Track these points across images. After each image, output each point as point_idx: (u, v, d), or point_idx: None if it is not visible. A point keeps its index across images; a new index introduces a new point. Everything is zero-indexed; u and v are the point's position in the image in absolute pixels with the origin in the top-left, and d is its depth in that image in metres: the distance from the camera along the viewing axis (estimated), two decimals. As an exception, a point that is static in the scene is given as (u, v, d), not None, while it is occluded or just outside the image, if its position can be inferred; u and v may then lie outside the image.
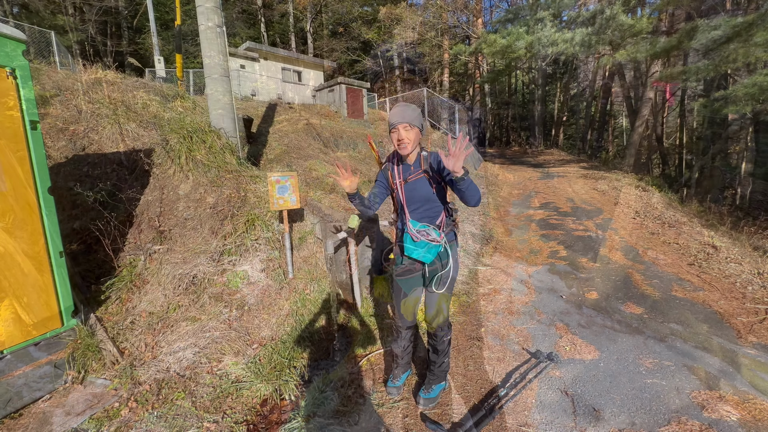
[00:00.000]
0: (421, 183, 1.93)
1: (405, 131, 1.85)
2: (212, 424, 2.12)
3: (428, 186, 1.93)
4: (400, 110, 1.85)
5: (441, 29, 22.86)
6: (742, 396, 2.12)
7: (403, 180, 1.97)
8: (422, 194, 1.94)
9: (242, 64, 13.83)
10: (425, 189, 1.93)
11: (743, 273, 3.98)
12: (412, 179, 1.95)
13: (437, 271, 2.02)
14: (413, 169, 1.95)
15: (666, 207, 8.07)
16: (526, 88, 31.98)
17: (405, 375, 2.36)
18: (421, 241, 1.93)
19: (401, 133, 1.85)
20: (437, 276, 2.01)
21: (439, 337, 2.09)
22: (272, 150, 6.63)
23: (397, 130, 1.85)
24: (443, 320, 2.07)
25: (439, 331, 2.08)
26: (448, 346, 2.15)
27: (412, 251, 1.96)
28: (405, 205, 1.98)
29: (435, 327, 2.07)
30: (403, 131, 1.85)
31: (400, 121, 1.83)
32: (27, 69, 2.33)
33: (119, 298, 3.01)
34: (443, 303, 2.04)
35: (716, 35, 9.30)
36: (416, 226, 1.96)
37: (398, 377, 2.32)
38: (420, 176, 1.93)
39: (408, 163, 1.98)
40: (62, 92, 4.87)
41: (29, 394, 2.26)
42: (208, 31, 4.53)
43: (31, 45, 10.00)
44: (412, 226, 1.96)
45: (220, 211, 3.67)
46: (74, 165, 4.05)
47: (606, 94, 20.76)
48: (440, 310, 2.05)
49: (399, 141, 1.86)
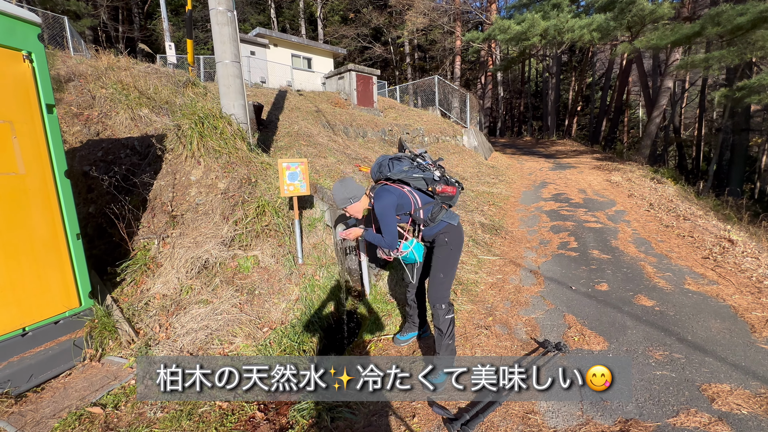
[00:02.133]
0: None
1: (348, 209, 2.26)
2: (224, 403, 2.18)
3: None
4: (334, 192, 2.23)
5: (453, 15, 22.34)
6: (753, 390, 2.10)
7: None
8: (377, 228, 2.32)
9: (252, 50, 13.76)
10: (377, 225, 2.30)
11: (760, 268, 3.89)
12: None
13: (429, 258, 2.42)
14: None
15: (681, 200, 7.89)
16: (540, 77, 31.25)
17: (412, 334, 2.77)
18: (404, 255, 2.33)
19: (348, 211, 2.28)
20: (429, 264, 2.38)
21: (438, 315, 2.23)
22: (282, 137, 6.63)
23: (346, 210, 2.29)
24: (438, 298, 2.25)
25: (437, 309, 2.23)
26: (449, 327, 2.24)
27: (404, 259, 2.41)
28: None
29: (431, 302, 2.28)
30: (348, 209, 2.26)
31: (338, 205, 2.25)
32: (43, 52, 2.35)
33: (134, 281, 3.09)
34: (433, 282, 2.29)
35: (741, 21, 8.91)
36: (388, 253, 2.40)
37: (406, 333, 2.76)
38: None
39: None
40: (76, 78, 4.92)
41: (50, 369, 2.35)
42: (218, 15, 4.50)
43: (45, 30, 10.08)
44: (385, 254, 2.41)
45: (231, 197, 3.70)
46: (89, 149, 4.12)
47: (623, 83, 20.17)
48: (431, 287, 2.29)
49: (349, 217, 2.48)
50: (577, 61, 27.25)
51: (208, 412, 2.11)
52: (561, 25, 12.65)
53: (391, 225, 2.12)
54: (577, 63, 27.24)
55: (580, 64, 26.64)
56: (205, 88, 6.30)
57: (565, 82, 28.90)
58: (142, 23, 23.75)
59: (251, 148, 4.45)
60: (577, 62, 27.23)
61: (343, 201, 2.19)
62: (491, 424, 1.96)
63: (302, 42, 15.76)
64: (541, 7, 14.16)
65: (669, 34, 10.73)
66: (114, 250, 3.33)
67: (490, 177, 9.78)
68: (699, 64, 10.49)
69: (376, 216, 2.16)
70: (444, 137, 11.75)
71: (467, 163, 10.46)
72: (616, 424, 1.91)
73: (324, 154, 6.25)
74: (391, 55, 28.69)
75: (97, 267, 3.16)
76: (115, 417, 2.08)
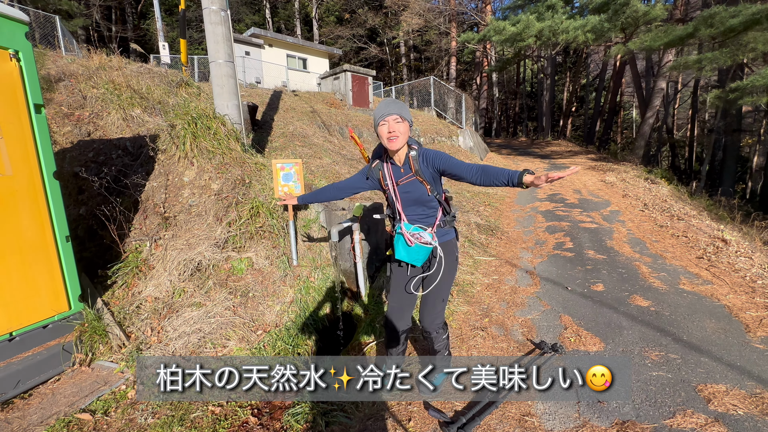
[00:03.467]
0: (413, 185, 1.84)
1: (396, 123, 1.71)
2: (217, 408, 2.14)
3: (422, 187, 1.83)
4: (389, 102, 1.75)
5: (449, 16, 22.39)
6: (749, 390, 2.10)
7: (395, 183, 1.87)
8: (416, 197, 1.85)
9: (247, 50, 13.69)
10: (419, 191, 1.84)
11: (753, 267, 3.92)
12: (403, 182, 1.85)
13: (431, 272, 1.95)
14: (403, 171, 1.85)
15: (675, 200, 7.96)
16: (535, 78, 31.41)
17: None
18: (414, 245, 1.85)
19: (392, 125, 1.71)
20: (431, 277, 1.95)
21: (434, 338, 2.06)
22: (277, 137, 6.59)
23: (387, 122, 1.72)
24: (437, 322, 2.01)
25: (433, 333, 2.04)
26: (445, 343, 2.13)
27: (402, 255, 1.90)
28: (400, 209, 1.91)
29: (427, 328, 2.02)
30: (394, 123, 1.71)
31: (390, 113, 1.70)
32: (31, 51, 2.30)
33: (125, 283, 3.03)
34: (436, 306, 1.98)
35: (734, 23, 9.00)
36: (409, 229, 1.87)
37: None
38: (411, 179, 1.83)
39: (397, 164, 1.87)
40: (67, 77, 4.85)
41: (38, 375, 2.30)
42: (211, 14, 4.45)
43: (35, 29, 9.96)
44: (405, 229, 1.88)
45: (224, 198, 3.66)
46: (79, 150, 4.06)
47: (616, 84, 20.32)
48: (432, 313, 1.99)
49: (390, 133, 1.71)
50: (571, 63, 27.44)
51: (200, 418, 2.07)
52: (555, 26, 12.72)
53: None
54: (571, 64, 27.42)
55: (574, 65, 26.84)
56: (198, 88, 6.24)
57: (559, 83, 29.08)
58: (136, 23, 23.57)
59: (245, 148, 4.41)
60: (571, 63, 27.42)
61: (405, 112, 1.75)
62: (488, 427, 1.94)
63: (297, 42, 15.71)
64: (536, 8, 14.23)
65: (662, 36, 10.82)
66: (105, 253, 3.28)
67: (486, 177, 9.78)
68: (692, 66, 10.59)
69: (444, 162, 1.75)
70: (440, 138, 11.76)
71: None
72: (613, 426, 1.90)
73: (319, 155, 6.22)
74: (387, 55, 28.71)
75: (87, 270, 3.10)
76: (105, 423, 2.03)
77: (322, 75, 13.55)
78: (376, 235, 3.99)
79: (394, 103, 1.74)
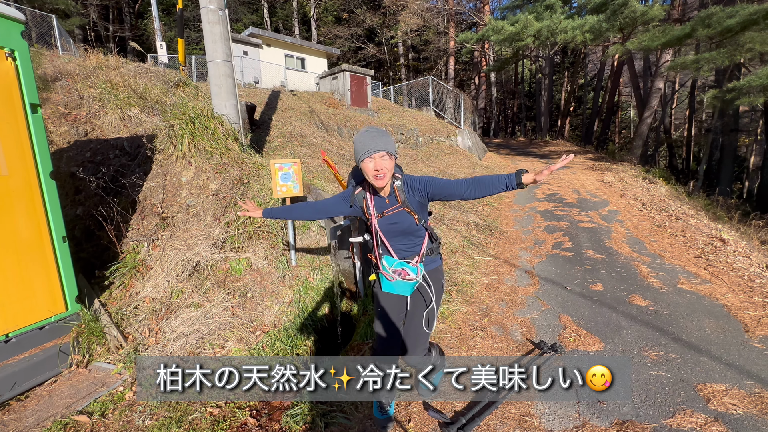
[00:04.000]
0: (400, 216, 1.73)
1: (382, 159, 1.58)
2: (215, 409, 2.13)
3: (409, 218, 1.72)
4: (374, 135, 1.59)
5: (447, 15, 22.39)
6: (748, 389, 2.10)
7: (378, 213, 1.76)
8: (404, 228, 1.74)
9: (245, 50, 13.65)
10: (407, 222, 1.73)
11: (751, 266, 3.93)
12: (389, 213, 1.74)
13: (418, 304, 1.86)
14: (389, 202, 1.73)
15: (673, 199, 7.98)
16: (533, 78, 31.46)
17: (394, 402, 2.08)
18: (396, 281, 1.76)
19: (378, 162, 1.57)
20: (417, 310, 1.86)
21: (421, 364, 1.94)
22: (275, 137, 6.57)
23: (374, 159, 1.57)
24: (419, 352, 1.92)
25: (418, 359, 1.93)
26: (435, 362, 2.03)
27: (389, 287, 1.81)
28: (384, 241, 1.80)
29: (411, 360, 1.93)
30: (380, 159, 1.57)
31: (377, 149, 1.56)
32: (26, 50, 2.28)
33: (123, 284, 3.02)
34: (421, 335, 1.88)
35: (731, 23, 9.03)
36: (392, 264, 1.76)
37: (387, 405, 2.01)
38: (398, 210, 1.72)
39: (382, 196, 1.74)
40: (64, 77, 4.82)
41: (35, 376, 2.28)
42: (209, 14, 4.44)
43: (32, 29, 9.90)
44: (387, 264, 1.77)
45: (223, 198, 3.64)
46: (76, 150, 4.03)
47: (614, 84, 20.37)
48: (417, 342, 1.89)
49: (377, 171, 1.58)
50: (569, 63, 27.48)
51: (198, 419, 2.06)
52: (554, 26, 12.74)
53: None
54: (569, 64, 27.47)
55: (572, 65, 26.88)
56: (196, 87, 6.22)
57: (557, 83, 29.12)
58: (133, 22, 23.47)
59: (243, 148, 4.39)
60: (569, 63, 27.46)
61: (391, 146, 1.62)
62: (488, 427, 1.93)
63: (296, 42, 15.67)
64: (534, 8, 14.25)
65: (660, 36, 10.85)
66: (102, 253, 3.26)
67: (485, 177, 9.78)
68: (689, 66, 10.62)
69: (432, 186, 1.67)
70: (438, 138, 11.76)
71: (461, 164, 10.47)
72: (613, 425, 1.90)
73: (317, 155, 6.21)
74: (385, 55, 28.69)
75: (84, 270, 3.08)
76: (102, 425, 2.02)
77: (321, 75, 13.53)
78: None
79: (379, 137, 1.59)
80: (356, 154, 1.64)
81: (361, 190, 1.80)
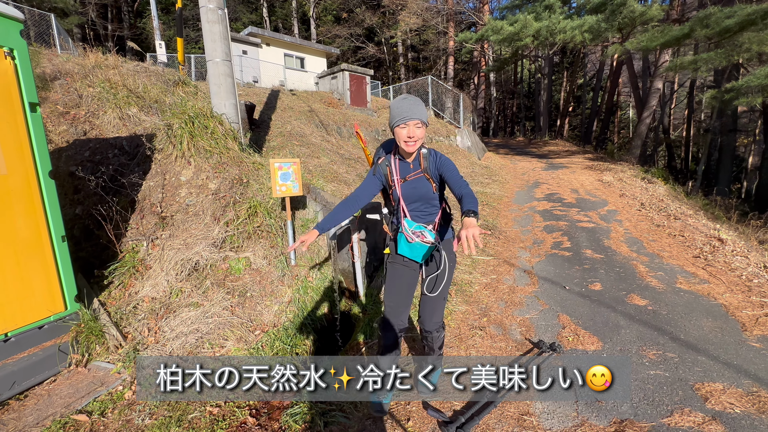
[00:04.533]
0: (420, 182, 1.86)
1: (416, 128, 1.70)
2: (215, 408, 2.13)
3: (428, 184, 1.86)
4: (411, 104, 1.70)
5: (446, 15, 22.39)
6: (746, 388, 2.11)
7: (401, 178, 1.88)
8: (422, 193, 1.86)
9: (244, 49, 13.64)
10: (425, 188, 1.86)
11: (749, 266, 3.94)
12: (411, 177, 1.87)
13: (432, 272, 1.94)
14: (412, 167, 1.86)
15: (672, 199, 7.99)
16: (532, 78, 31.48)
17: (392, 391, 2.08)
18: (415, 242, 1.87)
19: (413, 131, 1.70)
20: (431, 278, 1.94)
21: (433, 337, 2.05)
22: (274, 137, 6.57)
23: (408, 126, 1.69)
24: (437, 322, 2.01)
25: (434, 332, 2.03)
26: (442, 341, 2.13)
27: (405, 250, 1.92)
28: (403, 204, 1.91)
29: (428, 328, 2.01)
30: (414, 127, 1.70)
31: (413, 117, 1.67)
32: (25, 49, 2.28)
33: (122, 284, 3.02)
34: (438, 305, 1.98)
35: (730, 24, 9.05)
36: (411, 226, 1.87)
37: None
38: (419, 175, 1.86)
39: (407, 161, 1.87)
40: (62, 76, 4.81)
41: (34, 376, 2.28)
42: (208, 13, 4.43)
43: (31, 27, 9.88)
44: (407, 225, 1.88)
45: (222, 198, 3.64)
46: (75, 149, 4.03)
47: (613, 84, 20.40)
48: (434, 312, 1.98)
49: (409, 137, 1.71)
50: (568, 62, 27.51)
51: (198, 418, 2.06)
52: (553, 26, 12.76)
53: None
54: (568, 64, 27.49)
55: (571, 65, 26.90)
56: (195, 87, 6.22)
57: (556, 83, 29.15)
58: (132, 21, 23.42)
59: (243, 148, 4.39)
60: (568, 63, 27.49)
61: (425, 115, 1.72)
62: (487, 426, 1.94)
63: (295, 41, 15.67)
64: (534, 8, 14.27)
65: (659, 36, 10.87)
66: (101, 253, 3.26)
67: (484, 177, 9.81)
68: (688, 66, 10.64)
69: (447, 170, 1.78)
70: (437, 137, 11.77)
71: (461, 163, 10.48)
72: (612, 424, 1.91)
73: (317, 155, 6.21)
74: (385, 55, 28.68)
75: (83, 270, 3.08)
76: (102, 425, 2.02)
77: (320, 74, 13.52)
78: (375, 234, 3.98)
79: (416, 105, 1.70)
80: (392, 119, 1.74)
81: (385, 158, 1.92)
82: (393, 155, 1.90)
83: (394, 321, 2.00)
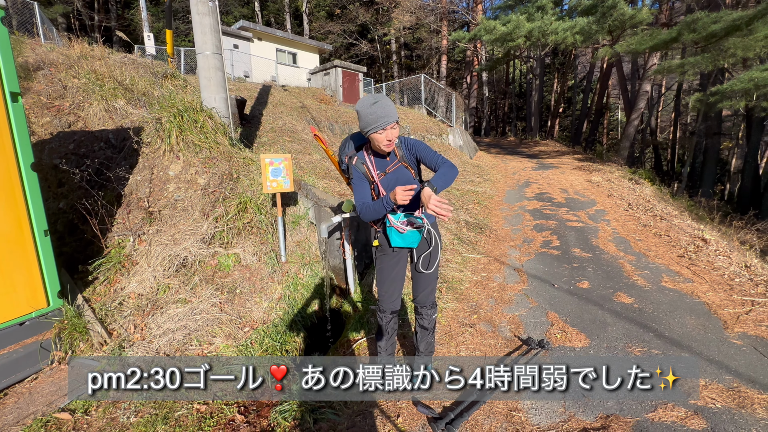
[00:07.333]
0: (400, 171, 1.89)
1: (394, 130, 1.72)
2: (202, 406, 2.10)
3: (407, 172, 1.90)
4: (384, 107, 1.68)
5: (440, 14, 22.40)
6: (727, 384, 2.17)
7: (381, 172, 1.89)
8: (403, 182, 1.88)
9: (235, 43, 13.45)
10: (405, 176, 1.90)
11: (731, 266, 4.04)
12: (391, 169, 1.88)
13: (423, 251, 2.01)
14: (389, 159, 1.88)
15: (658, 200, 8.15)
16: (524, 78, 31.72)
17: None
18: (407, 231, 1.88)
19: (390, 133, 1.71)
20: (423, 256, 2.01)
21: (427, 315, 2.13)
22: (265, 132, 6.50)
23: (386, 131, 1.70)
24: (432, 298, 2.10)
25: (428, 309, 2.12)
26: (434, 324, 2.20)
27: (399, 242, 1.91)
28: None
29: (426, 303, 2.09)
30: (392, 131, 1.71)
31: (389, 121, 1.68)
32: (6, 37, 2.20)
33: (107, 279, 2.95)
34: (432, 282, 2.07)
35: (716, 29, 9.24)
36: (399, 218, 1.88)
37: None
38: (398, 165, 1.88)
39: (382, 155, 1.88)
40: (46, 66, 4.68)
41: (15, 373, 2.22)
42: (198, 4, 4.35)
43: (12, 15, 9.56)
44: (395, 219, 1.88)
45: (211, 193, 3.59)
46: (59, 142, 3.92)
47: (603, 86, 20.69)
48: (430, 288, 2.08)
49: (389, 141, 1.73)
50: (559, 64, 27.79)
51: (185, 416, 2.03)
52: (545, 27, 12.86)
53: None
54: (559, 65, 27.78)
55: (562, 66, 27.20)
56: (185, 80, 6.11)
57: (548, 83, 29.43)
58: (120, 12, 22.89)
59: (233, 143, 4.33)
60: (559, 64, 27.78)
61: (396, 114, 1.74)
62: (476, 422, 1.95)
63: (287, 37, 15.49)
64: (526, 9, 14.35)
65: (647, 39, 11.04)
66: (86, 248, 3.18)
67: (475, 176, 9.86)
68: (675, 69, 10.84)
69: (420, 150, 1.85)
70: (430, 135, 11.78)
71: (452, 162, 10.51)
72: (598, 419, 1.94)
73: (309, 151, 6.16)
74: (378, 52, 28.57)
75: (67, 265, 3.01)
76: (85, 423, 1.97)
77: (313, 70, 13.41)
78: (366, 231, 3.98)
79: (388, 107, 1.69)
80: (366, 125, 1.72)
81: (358, 157, 1.91)
82: (366, 152, 1.90)
83: (389, 307, 2.08)
